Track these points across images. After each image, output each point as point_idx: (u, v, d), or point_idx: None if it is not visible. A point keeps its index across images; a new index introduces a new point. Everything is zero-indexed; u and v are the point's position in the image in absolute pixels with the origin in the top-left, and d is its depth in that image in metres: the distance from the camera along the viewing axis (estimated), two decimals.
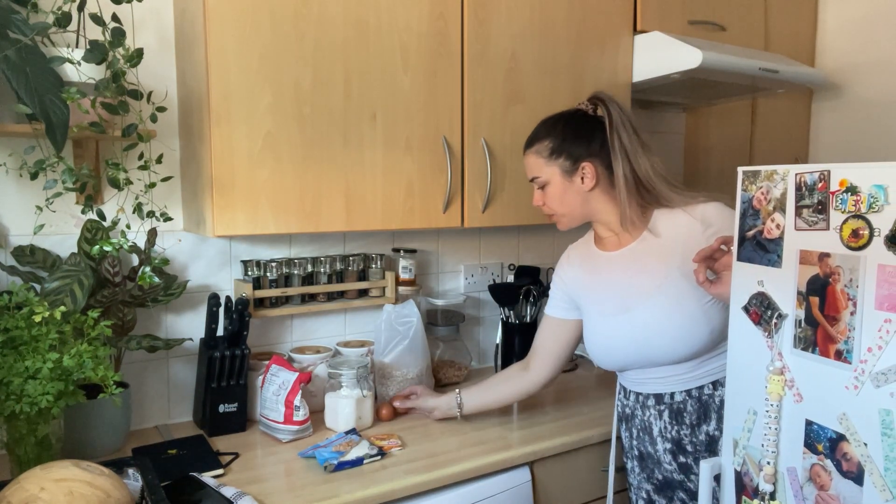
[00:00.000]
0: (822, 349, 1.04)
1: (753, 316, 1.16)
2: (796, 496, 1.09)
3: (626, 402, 1.58)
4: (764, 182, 1.13)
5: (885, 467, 0.96)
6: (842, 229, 1.01)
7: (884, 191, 0.95)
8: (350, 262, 1.92)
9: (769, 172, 1.13)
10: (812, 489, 1.06)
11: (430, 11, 1.69)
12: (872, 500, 0.97)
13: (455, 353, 2.10)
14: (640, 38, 2.06)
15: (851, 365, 1.00)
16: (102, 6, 1.43)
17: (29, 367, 1.24)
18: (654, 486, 1.54)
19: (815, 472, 1.06)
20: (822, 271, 1.04)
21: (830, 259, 1.02)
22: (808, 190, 1.06)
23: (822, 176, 1.04)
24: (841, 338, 1.01)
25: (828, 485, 1.04)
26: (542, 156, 1.51)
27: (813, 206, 1.05)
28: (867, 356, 0.98)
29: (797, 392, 1.09)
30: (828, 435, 1.04)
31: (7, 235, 1.55)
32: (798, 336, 1.08)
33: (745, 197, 1.17)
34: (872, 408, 0.97)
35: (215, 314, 1.68)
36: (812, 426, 1.06)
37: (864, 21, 2.49)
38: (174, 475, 1.35)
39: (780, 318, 1.10)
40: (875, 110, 2.46)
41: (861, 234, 0.98)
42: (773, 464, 1.12)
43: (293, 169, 1.54)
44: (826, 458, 1.04)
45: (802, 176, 1.07)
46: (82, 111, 1.37)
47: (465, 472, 1.48)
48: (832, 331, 1.02)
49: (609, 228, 1.54)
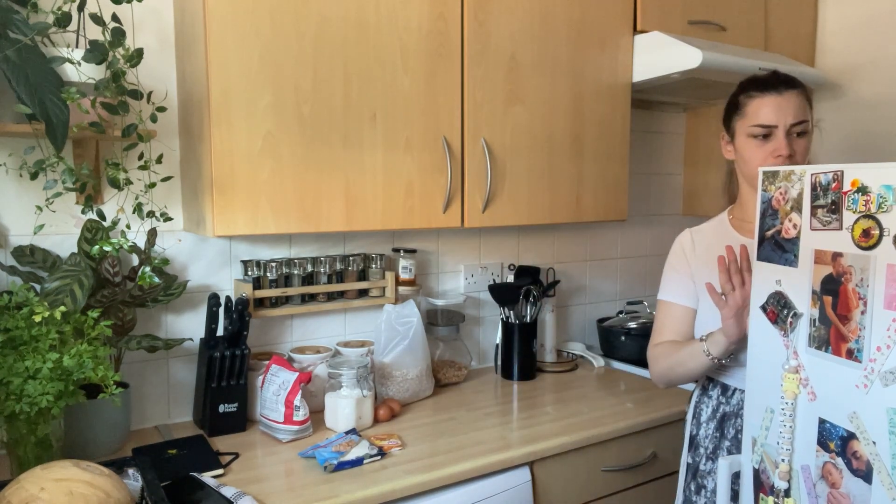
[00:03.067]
0: (834, 348, 1.05)
1: (770, 315, 1.16)
2: (809, 494, 1.09)
3: (729, 400, 1.46)
4: (782, 182, 1.14)
5: (892, 465, 0.96)
6: (853, 229, 1.02)
7: (892, 191, 0.96)
8: (350, 262, 1.92)
9: (787, 173, 1.14)
10: (824, 487, 1.07)
11: (430, 11, 1.69)
12: (880, 498, 0.98)
13: (455, 353, 2.10)
14: (640, 38, 2.06)
15: (861, 364, 1.00)
16: (102, 6, 1.43)
17: (29, 367, 1.24)
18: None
19: (827, 470, 1.06)
20: (836, 271, 1.04)
21: (843, 259, 1.03)
22: (822, 190, 1.07)
23: (836, 176, 1.04)
24: (852, 337, 1.02)
25: (839, 483, 1.04)
26: (809, 100, 1.39)
27: (827, 206, 1.06)
28: (876, 355, 0.98)
29: (811, 390, 1.09)
30: (839, 433, 1.04)
31: (7, 235, 1.55)
32: (812, 335, 1.09)
33: (765, 197, 1.18)
34: (881, 407, 0.98)
35: (215, 314, 1.68)
36: (825, 424, 1.07)
37: (864, 21, 2.49)
38: (174, 475, 1.35)
39: (796, 317, 1.11)
40: (875, 110, 2.46)
41: (871, 233, 0.99)
42: (788, 461, 1.12)
43: (293, 169, 1.54)
44: (837, 456, 1.05)
45: (818, 176, 1.08)
46: (82, 111, 1.36)
47: (465, 472, 1.48)
48: (844, 330, 1.03)
49: None
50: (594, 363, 2.28)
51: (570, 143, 1.97)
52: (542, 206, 1.94)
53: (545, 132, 1.92)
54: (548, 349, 2.25)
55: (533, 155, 1.90)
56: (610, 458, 1.74)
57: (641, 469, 1.81)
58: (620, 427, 1.73)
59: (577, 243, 2.48)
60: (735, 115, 1.47)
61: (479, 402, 1.91)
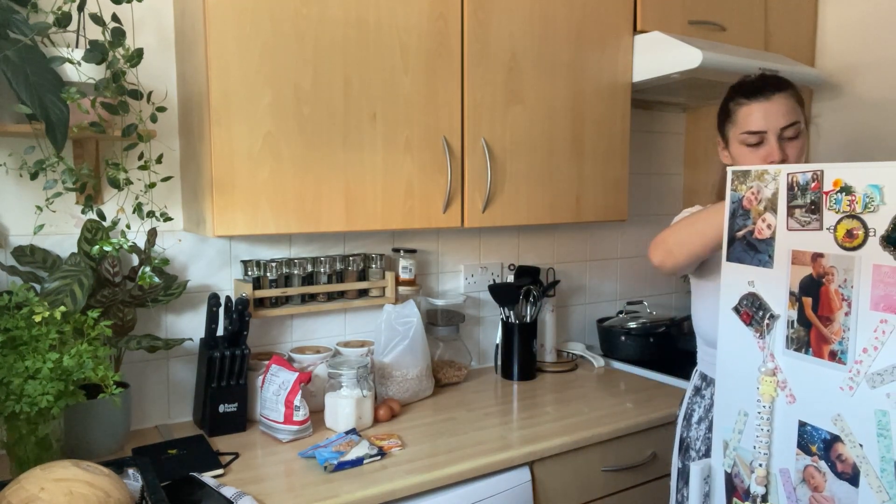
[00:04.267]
0: (815, 350, 1.04)
1: (744, 317, 1.15)
2: (789, 498, 1.08)
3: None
4: (754, 182, 1.13)
5: (881, 468, 0.96)
6: (836, 229, 1.00)
7: (879, 191, 0.95)
8: (350, 262, 1.92)
9: (760, 172, 1.12)
10: (806, 490, 1.06)
11: (430, 11, 1.69)
12: (868, 501, 0.97)
13: (455, 353, 2.10)
14: (640, 38, 2.06)
15: (846, 366, 1.00)
16: (102, 6, 1.43)
17: (29, 367, 1.24)
18: None
19: (809, 473, 1.05)
20: (816, 272, 1.03)
21: (824, 259, 1.02)
22: (800, 190, 1.05)
23: (815, 176, 1.03)
24: (835, 338, 1.01)
25: (822, 486, 1.03)
26: (799, 101, 1.38)
27: (806, 206, 1.05)
28: (862, 357, 0.98)
29: (790, 393, 1.08)
30: (822, 436, 1.03)
31: (7, 235, 1.55)
32: (791, 337, 1.07)
33: (734, 197, 1.16)
34: (868, 409, 0.97)
35: (215, 314, 1.68)
36: (805, 427, 1.06)
37: (864, 21, 2.49)
38: (174, 475, 1.35)
39: (772, 319, 1.10)
40: (875, 110, 2.46)
41: (856, 234, 0.98)
42: (766, 465, 1.11)
43: (293, 169, 1.54)
44: (820, 459, 1.04)
45: (795, 176, 1.06)
46: (82, 111, 1.37)
47: (465, 472, 1.48)
48: (826, 331, 1.02)
49: None
50: (594, 363, 2.28)
51: (570, 143, 1.97)
52: (542, 207, 1.94)
53: (545, 132, 1.92)
54: (548, 349, 2.25)
55: (533, 155, 1.90)
56: (610, 458, 1.74)
57: (641, 469, 1.80)
58: (620, 427, 1.73)
59: (577, 243, 2.48)
60: (727, 122, 1.47)
61: (479, 402, 1.91)
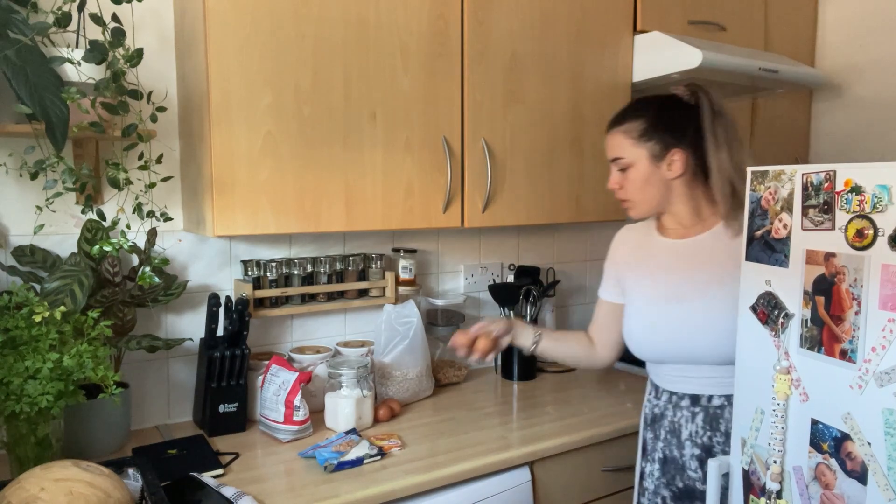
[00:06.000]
0: (827, 349, 1.05)
1: (761, 315, 1.16)
2: (802, 495, 1.09)
3: (657, 401, 1.51)
4: (772, 182, 1.14)
5: (888, 466, 0.96)
6: (846, 229, 1.01)
7: (888, 191, 0.95)
8: (350, 262, 1.92)
9: (777, 172, 1.13)
10: (818, 488, 1.06)
11: (430, 11, 1.69)
12: (875, 499, 0.98)
13: (455, 352, 2.10)
14: (640, 37, 2.06)
15: (856, 364, 1.00)
16: (102, 6, 1.43)
17: (29, 367, 1.24)
18: (672, 493, 1.46)
19: (821, 471, 1.06)
20: (828, 271, 1.04)
21: (836, 259, 1.03)
22: (814, 190, 1.06)
23: (828, 176, 1.04)
24: (846, 337, 1.01)
25: (833, 484, 1.04)
26: (632, 136, 1.44)
27: (819, 206, 1.06)
28: (871, 356, 0.98)
29: (803, 391, 1.09)
30: (833, 434, 1.04)
31: (7, 235, 1.55)
32: (804, 335, 1.08)
33: (753, 197, 1.18)
34: (876, 407, 0.98)
35: (215, 314, 1.68)
36: (818, 425, 1.07)
37: (864, 21, 2.49)
38: (174, 475, 1.35)
39: (787, 318, 1.11)
40: (875, 110, 2.46)
41: (865, 233, 0.99)
42: (780, 463, 1.12)
43: (293, 169, 1.54)
44: (831, 457, 1.04)
45: (809, 176, 1.07)
46: (82, 111, 1.36)
47: (465, 472, 1.48)
48: (837, 330, 1.03)
49: (678, 220, 1.48)
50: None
51: (570, 142, 1.97)
52: (542, 206, 1.94)
53: (545, 132, 1.92)
54: None
55: (533, 155, 1.90)
56: (610, 458, 1.74)
57: None
58: (620, 427, 1.73)
59: (577, 243, 2.48)
60: None
61: (479, 402, 1.91)
